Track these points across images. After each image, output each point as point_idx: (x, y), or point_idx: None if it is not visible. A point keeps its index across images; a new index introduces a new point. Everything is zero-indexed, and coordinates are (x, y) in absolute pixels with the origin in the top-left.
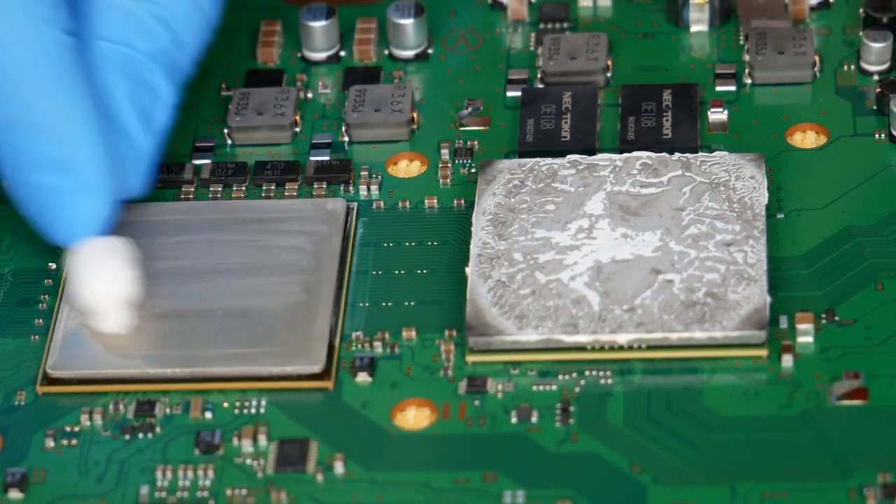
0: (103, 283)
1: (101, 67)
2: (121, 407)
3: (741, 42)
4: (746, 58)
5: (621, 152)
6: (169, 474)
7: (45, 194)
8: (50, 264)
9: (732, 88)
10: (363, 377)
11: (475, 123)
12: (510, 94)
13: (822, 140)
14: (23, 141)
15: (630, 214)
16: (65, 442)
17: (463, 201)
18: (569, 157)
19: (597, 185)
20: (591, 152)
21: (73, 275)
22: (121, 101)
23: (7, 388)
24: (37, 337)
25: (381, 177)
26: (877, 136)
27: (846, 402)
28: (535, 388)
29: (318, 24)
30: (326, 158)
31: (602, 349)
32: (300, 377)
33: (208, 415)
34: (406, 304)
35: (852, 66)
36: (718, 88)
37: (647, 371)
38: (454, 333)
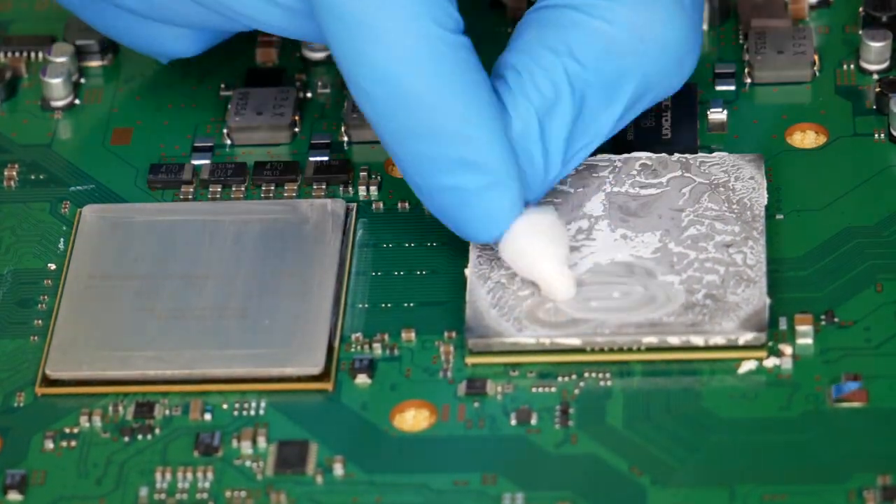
0: (545, 257)
1: (559, 82)
2: (120, 408)
3: (740, 41)
4: (746, 57)
5: (620, 153)
6: (168, 476)
7: (455, 195)
8: (49, 264)
9: (732, 88)
10: (362, 379)
11: None
12: None
13: (822, 140)
14: (425, 148)
15: (629, 215)
16: (64, 443)
17: None
18: None
19: (596, 185)
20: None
21: (516, 257)
22: (559, 125)
23: (6, 390)
24: (36, 338)
25: (380, 177)
26: (876, 135)
27: (846, 405)
28: (534, 389)
29: None
30: (326, 158)
31: (601, 351)
32: (299, 378)
33: (207, 416)
34: (405, 305)
35: (852, 66)
36: (718, 88)
37: (646, 373)
38: (454, 335)
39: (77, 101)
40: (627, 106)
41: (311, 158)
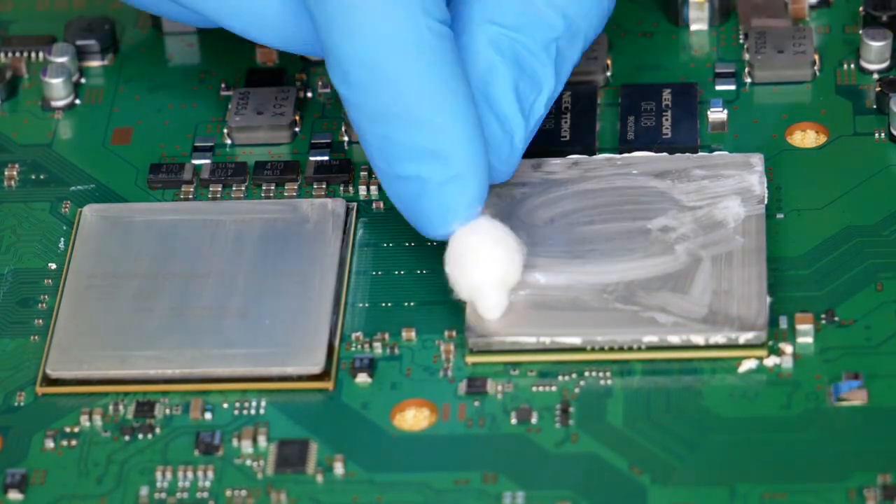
0: (480, 269)
1: (486, 51)
2: (120, 407)
3: (741, 41)
4: (746, 57)
5: (621, 152)
6: (169, 475)
7: (416, 185)
8: (50, 264)
9: (732, 87)
10: (363, 378)
11: None
12: None
13: (822, 139)
14: (395, 132)
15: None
16: (65, 443)
17: None
18: (569, 157)
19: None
20: (591, 152)
21: (453, 261)
22: (503, 88)
23: (7, 389)
24: (36, 337)
25: None
26: (877, 135)
27: (846, 403)
28: (534, 388)
29: None
30: (326, 158)
31: (602, 350)
32: (300, 378)
33: (208, 415)
34: (406, 304)
35: (852, 65)
36: (718, 87)
37: (646, 372)
38: (454, 334)
39: (77, 101)
40: (559, 52)
41: (312, 158)
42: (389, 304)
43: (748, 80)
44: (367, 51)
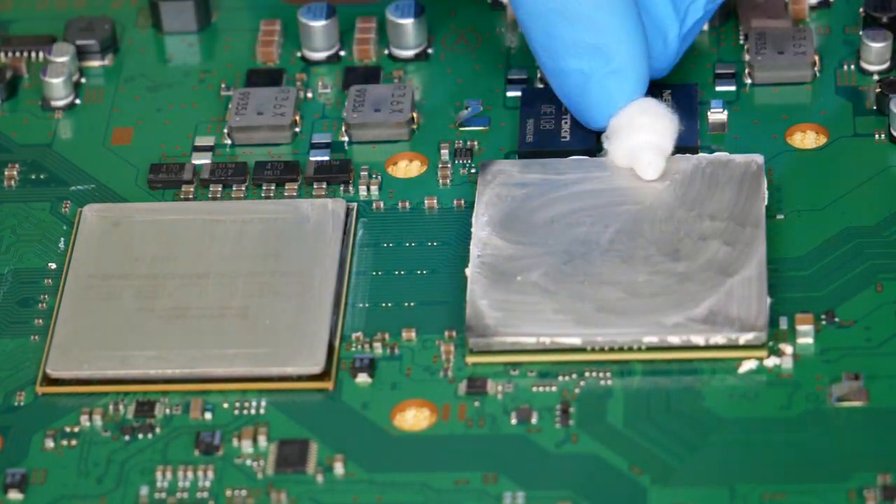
0: (634, 133)
1: None
2: (120, 407)
3: (741, 41)
4: (746, 57)
5: None
6: (169, 475)
7: (579, 78)
8: (50, 264)
9: (732, 88)
10: (363, 378)
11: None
12: (510, 94)
13: (822, 140)
14: (557, 28)
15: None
16: (65, 442)
17: (463, 201)
18: (569, 157)
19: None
20: (592, 152)
21: (612, 133)
22: None
23: (7, 389)
24: (36, 337)
25: (380, 177)
26: (877, 136)
27: (846, 404)
28: (534, 389)
29: (318, 24)
30: (326, 158)
31: (602, 350)
32: (300, 378)
33: (208, 415)
34: (406, 304)
35: (852, 66)
36: (718, 88)
37: (646, 372)
38: (454, 334)
39: (77, 101)
40: None
41: (312, 158)
42: (389, 304)
43: (748, 80)
44: None
